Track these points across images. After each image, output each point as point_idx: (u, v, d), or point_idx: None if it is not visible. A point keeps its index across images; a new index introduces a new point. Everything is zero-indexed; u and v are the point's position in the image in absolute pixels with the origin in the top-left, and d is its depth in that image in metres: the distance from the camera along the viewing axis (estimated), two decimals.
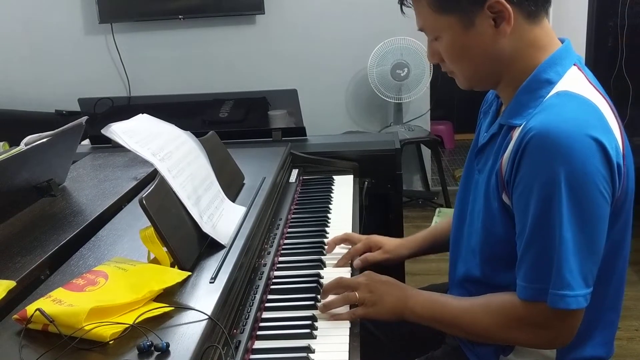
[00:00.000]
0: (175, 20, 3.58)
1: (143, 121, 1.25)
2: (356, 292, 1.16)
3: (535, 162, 0.97)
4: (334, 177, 1.90)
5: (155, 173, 1.17)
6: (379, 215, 1.99)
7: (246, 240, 1.22)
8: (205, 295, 1.00)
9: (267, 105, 3.35)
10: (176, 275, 1.02)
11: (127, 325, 0.88)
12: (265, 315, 1.15)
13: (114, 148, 1.90)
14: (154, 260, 1.09)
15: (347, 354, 1.03)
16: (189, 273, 1.05)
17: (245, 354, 1.01)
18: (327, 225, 1.56)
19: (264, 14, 3.55)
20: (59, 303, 0.91)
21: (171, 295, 0.99)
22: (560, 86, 1.03)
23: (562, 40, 1.10)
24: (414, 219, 3.56)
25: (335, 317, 1.13)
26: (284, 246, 1.44)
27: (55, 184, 1.47)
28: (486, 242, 1.13)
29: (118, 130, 1.13)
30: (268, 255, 1.34)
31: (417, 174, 3.94)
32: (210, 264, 1.11)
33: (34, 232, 1.23)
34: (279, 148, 1.89)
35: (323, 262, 1.36)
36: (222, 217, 1.27)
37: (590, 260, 0.98)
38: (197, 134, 1.41)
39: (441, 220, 1.52)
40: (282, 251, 1.42)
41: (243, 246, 1.19)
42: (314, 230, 1.52)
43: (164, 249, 1.07)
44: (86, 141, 2.12)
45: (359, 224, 1.63)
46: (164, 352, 0.84)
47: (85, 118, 1.54)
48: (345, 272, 1.33)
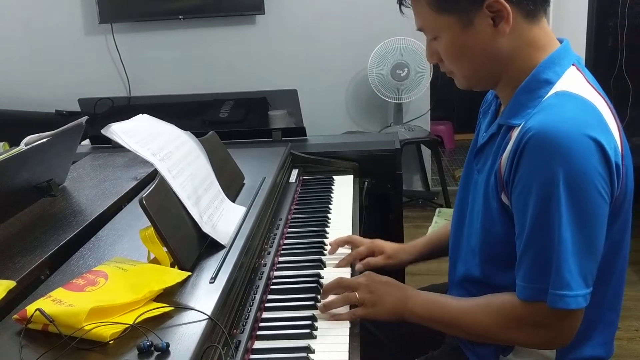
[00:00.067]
0: (176, 21, 3.58)
1: (143, 121, 1.25)
2: (356, 293, 1.16)
3: (533, 162, 0.97)
4: (334, 177, 1.90)
5: (155, 173, 1.17)
6: (379, 216, 1.99)
7: (246, 240, 1.22)
8: (205, 295, 1.00)
9: (267, 106, 3.35)
10: (176, 275, 1.03)
11: (127, 325, 0.88)
12: (265, 315, 1.15)
13: (114, 148, 1.90)
14: (154, 260, 1.09)
15: (347, 354, 1.03)
16: (189, 273, 1.05)
17: (245, 354, 1.01)
18: (327, 226, 1.56)
19: (264, 14, 3.55)
20: (59, 303, 0.91)
21: (171, 295, 0.99)
22: (559, 86, 1.03)
23: (561, 41, 1.10)
24: (414, 219, 3.56)
25: (335, 317, 1.13)
26: (284, 246, 1.44)
27: (55, 184, 1.47)
28: (486, 242, 1.13)
29: (118, 131, 1.13)
30: (268, 255, 1.34)
31: (417, 174, 3.94)
32: (210, 264, 1.11)
33: (34, 232, 1.23)
34: (279, 148, 1.89)
35: (323, 262, 1.36)
36: (222, 217, 1.27)
37: (589, 260, 0.98)
38: (197, 134, 1.41)
39: (443, 225, 1.52)
40: (282, 251, 1.42)
41: (243, 246, 1.19)
42: (314, 231, 1.52)
43: (164, 249, 1.07)
44: (86, 141, 2.12)
45: (359, 224, 1.62)
46: (164, 352, 0.84)
47: (85, 118, 1.54)
48: (346, 273, 1.33)
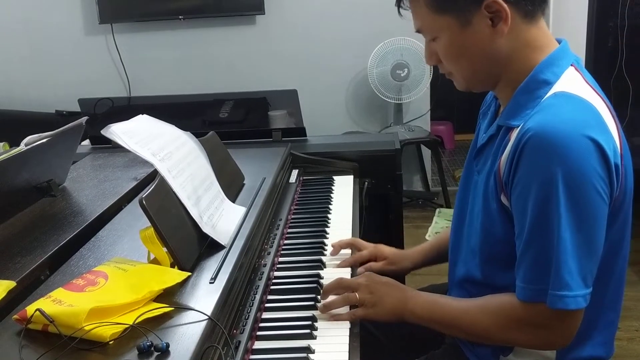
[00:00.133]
0: (176, 21, 3.58)
1: (143, 122, 1.25)
2: (356, 293, 1.16)
3: (532, 163, 0.97)
4: (334, 178, 1.90)
5: (155, 173, 1.17)
6: (379, 216, 1.99)
7: (246, 240, 1.22)
8: (205, 296, 1.00)
9: (267, 106, 3.35)
10: (176, 275, 1.03)
11: (127, 326, 0.88)
12: (265, 315, 1.15)
13: (114, 148, 1.90)
14: (154, 261, 1.09)
15: (347, 354, 1.03)
16: (189, 273, 1.05)
17: (245, 354, 1.01)
18: (327, 226, 1.56)
19: (264, 14, 3.55)
20: (59, 303, 0.91)
21: (171, 296, 0.99)
22: (557, 87, 1.03)
23: (559, 41, 1.10)
24: (414, 219, 3.56)
25: (335, 318, 1.13)
26: (284, 246, 1.44)
27: (56, 184, 1.47)
28: (486, 243, 1.13)
29: (118, 131, 1.13)
30: (268, 256, 1.34)
31: (417, 174, 3.94)
32: (210, 264, 1.11)
33: (34, 233, 1.23)
34: (279, 148, 1.89)
35: (323, 263, 1.36)
36: (222, 218, 1.27)
37: (589, 260, 0.98)
38: (197, 135, 1.41)
39: (444, 231, 1.53)
40: (282, 251, 1.42)
41: (243, 246, 1.19)
42: (314, 231, 1.52)
43: (164, 249, 1.07)
44: (86, 141, 2.12)
45: (359, 224, 1.62)
46: (163, 353, 0.84)
47: (85, 118, 1.54)
48: (346, 273, 1.33)
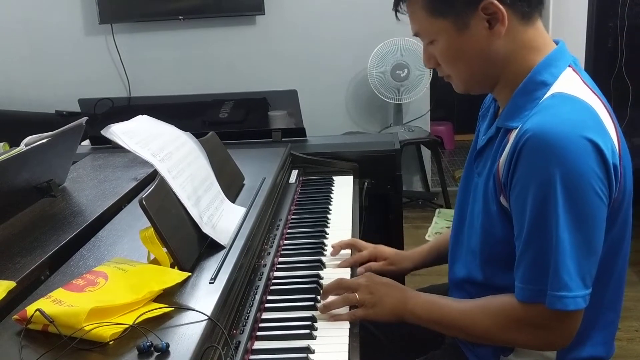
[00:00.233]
0: (176, 21, 3.58)
1: (143, 122, 1.25)
2: (356, 294, 1.16)
3: (531, 164, 0.97)
4: (334, 178, 1.90)
5: (155, 174, 1.17)
6: (378, 216, 1.99)
7: (246, 240, 1.22)
8: (205, 296, 1.00)
9: (267, 106, 3.35)
10: (176, 275, 1.03)
11: (127, 326, 0.88)
12: (265, 315, 1.15)
13: (114, 149, 1.90)
14: (154, 261, 1.09)
15: (347, 354, 1.03)
16: (189, 274, 1.05)
17: (245, 354, 1.01)
18: (327, 226, 1.56)
19: (264, 14, 3.55)
20: (59, 303, 0.91)
21: (171, 296, 0.99)
22: (555, 88, 1.03)
23: (557, 42, 1.10)
24: (413, 219, 3.56)
25: (335, 318, 1.13)
26: (283, 247, 1.44)
27: (56, 185, 1.47)
28: (486, 243, 1.13)
29: (118, 131, 1.13)
30: (268, 256, 1.34)
31: (417, 174, 3.94)
32: (210, 265, 1.11)
33: (34, 233, 1.23)
34: (278, 149, 1.89)
35: (323, 263, 1.36)
36: (222, 218, 1.27)
37: (588, 260, 0.98)
38: (197, 135, 1.41)
39: (445, 232, 1.53)
40: (282, 252, 1.42)
41: (243, 247, 1.19)
42: (314, 231, 1.52)
43: (164, 249, 1.07)
44: (86, 142, 2.12)
45: (359, 224, 1.62)
46: (163, 353, 0.84)
47: (85, 119, 1.54)
48: (346, 273, 1.33)
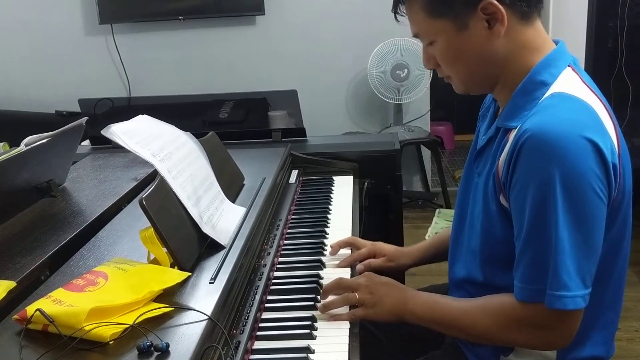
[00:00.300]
0: (176, 21, 3.58)
1: (143, 122, 1.25)
2: (356, 293, 1.16)
3: (530, 164, 0.97)
4: (334, 178, 1.90)
5: (155, 174, 1.17)
6: (378, 216, 1.99)
7: (246, 240, 1.22)
8: (205, 296, 1.00)
9: (267, 106, 3.36)
10: (176, 275, 1.03)
11: (127, 326, 0.88)
12: (265, 315, 1.15)
13: (114, 149, 1.90)
14: (154, 261, 1.09)
15: (347, 354, 1.03)
16: (189, 273, 1.05)
17: (245, 354, 1.01)
18: (327, 226, 1.56)
19: (264, 14, 3.55)
20: (59, 303, 0.91)
21: (171, 296, 0.99)
22: (554, 87, 1.03)
23: (556, 42, 1.10)
24: (413, 219, 3.56)
25: (335, 318, 1.13)
26: (283, 247, 1.44)
27: (56, 185, 1.47)
28: (486, 243, 1.13)
29: (118, 131, 1.13)
30: (268, 256, 1.34)
31: (417, 174, 3.94)
32: (210, 265, 1.11)
33: (34, 233, 1.23)
34: (278, 149, 1.89)
35: (323, 263, 1.36)
36: (222, 218, 1.27)
37: (587, 260, 0.98)
38: (197, 135, 1.41)
39: (444, 229, 1.53)
40: (282, 252, 1.42)
41: (243, 247, 1.19)
42: (314, 231, 1.52)
43: (164, 249, 1.07)
44: (86, 142, 2.12)
45: (359, 224, 1.62)
46: (163, 353, 0.84)
47: (85, 119, 1.54)
48: (345, 273, 1.33)
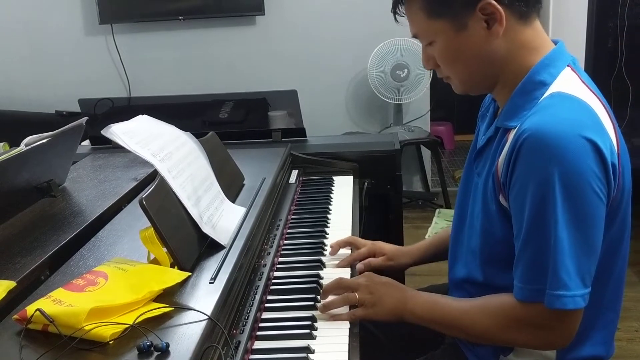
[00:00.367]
0: (176, 21, 3.58)
1: (143, 122, 1.25)
2: (356, 293, 1.16)
3: (529, 163, 0.97)
4: (334, 178, 1.90)
5: (155, 174, 1.17)
6: (378, 216, 1.99)
7: (246, 240, 1.22)
8: (205, 296, 1.00)
9: (267, 106, 3.36)
10: (176, 275, 1.03)
11: (127, 326, 0.88)
12: (265, 315, 1.15)
13: (114, 149, 1.90)
14: (154, 261, 1.09)
15: (347, 354, 1.03)
16: (189, 273, 1.05)
17: (245, 354, 1.01)
18: (327, 226, 1.56)
19: (264, 14, 3.55)
20: (59, 303, 0.91)
21: (171, 296, 0.99)
22: (554, 87, 1.03)
23: (556, 42, 1.10)
24: (413, 219, 3.56)
25: (335, 318, 1.13)
26: (283, 247, 1.44)
27: (56, 185, 1.47)
28: (486, 243, 1.14)
29: (118, 131, 1.13)
30: (268, 256, 1.34)
31: (417, 174, 3.94)
32: (210, 265, 1.11)
33: (34, 233, 1.23)
34: (278, 149, 1.90)
35: (323, 263, 1.36)
36: (222, 218, 1.27)
37: (587, 260, 0.98)
38: (197, 135, 1.41)
39: (444, 229, 1.53)
40: (282, 252, 1.42)
41: (243, 247, 1.19)
42: (314, 231, 1.52)
43: (164, 249, 1.08)
44: (86, 142, 2.12)
45: (359, 224, 1.63)
46: (163, 353, 0.84)
47: (85, 119, 1.54)
48: (345, 273, 1.33)
